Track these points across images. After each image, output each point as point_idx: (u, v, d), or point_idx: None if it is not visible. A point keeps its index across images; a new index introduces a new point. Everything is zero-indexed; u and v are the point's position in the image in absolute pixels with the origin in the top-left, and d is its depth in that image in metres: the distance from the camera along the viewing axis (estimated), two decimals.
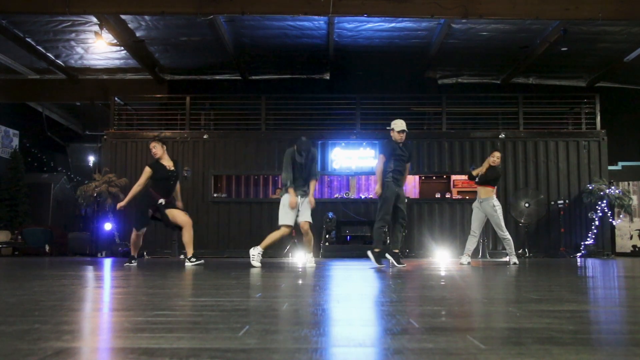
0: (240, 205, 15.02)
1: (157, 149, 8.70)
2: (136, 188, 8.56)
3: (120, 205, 8.67)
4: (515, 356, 1.76)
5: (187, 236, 8.64)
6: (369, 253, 8.33)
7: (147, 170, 8.58)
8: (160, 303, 3.42)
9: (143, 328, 2.33)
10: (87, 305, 3.39)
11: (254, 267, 7.88)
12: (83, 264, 9.35)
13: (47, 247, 14.92)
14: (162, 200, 8.49)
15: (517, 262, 9.34)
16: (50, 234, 15.19)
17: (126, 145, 15.09)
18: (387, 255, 8.39)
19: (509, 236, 9.38)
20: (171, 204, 8.68)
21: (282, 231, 8.09)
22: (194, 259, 8.58)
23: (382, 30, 13.63)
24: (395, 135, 8.32)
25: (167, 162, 8.68)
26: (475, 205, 9.70)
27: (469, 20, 12.64)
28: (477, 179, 9.59)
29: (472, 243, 9.64)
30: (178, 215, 8.64)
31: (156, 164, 8.66)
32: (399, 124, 8.35)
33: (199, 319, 2.62)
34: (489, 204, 9.39)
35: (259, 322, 2.44)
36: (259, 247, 8.15)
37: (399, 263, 8.21)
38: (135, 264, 8.57)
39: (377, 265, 8.15)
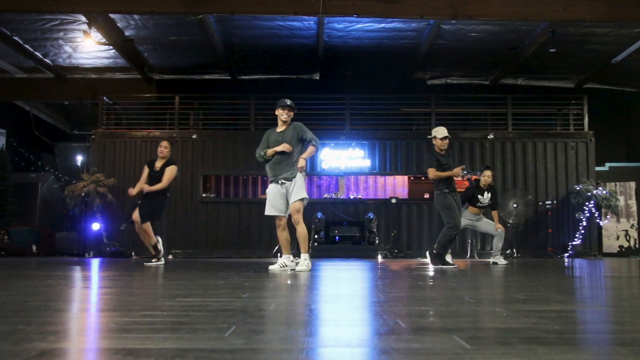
0: (229, 205, 14.99)
1: (167, 150, 9.01)
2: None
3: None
4: (501, 356, 1.77)
5: (140, 232, 8.92)
6: (428, 253, 8.35)
7: (145, 169, 9.00)
8: (147, 303, 3.41)
9: (129, 329, 2.32)
10: (73, 306, 3.38)
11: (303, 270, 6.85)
12: (70, 264, 9.30)
13: (34, 247, 14.81)
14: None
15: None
16: (37, 234, 15.09)
17: (115, 144, 15.03)
18: (427, 254, 8.44)
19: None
20: (148, 195, 8.85)
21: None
22: (155, 260, 8.92)
23: (372, 30, 13.64)
24: (438, 143, 8.44)
25: (159, 163, 8.92)
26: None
27: (458, 22, 12.68)
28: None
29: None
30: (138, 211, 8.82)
31: (150, 162, 9.01)
32: (440, 131, 8.47)
33: (186, 319, 2.62)
34: None
35: (245, 323, 2.43)
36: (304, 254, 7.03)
37: (435, 264, 8.25)
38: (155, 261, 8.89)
39: (434, 265, 8.13)
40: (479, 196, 9.72)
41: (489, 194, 9.77)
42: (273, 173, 7.19)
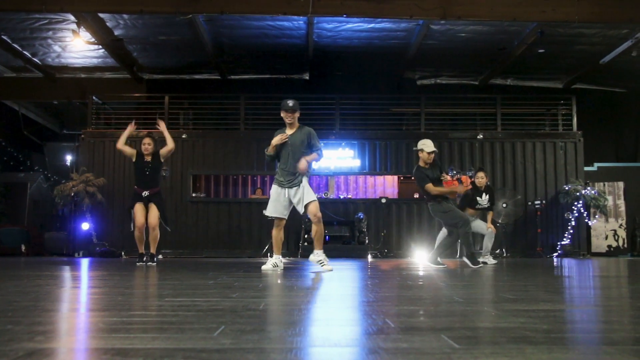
0: (219, 205, 14.97)
1: (151, 147, 8.95)
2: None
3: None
4: (489, 355, 1.77)
5: (151, 237, 8.85)
6: (465, 259, 8.35)
7: (133, 151, 8.98)
8: (136, 303, 3.40)
9: (118, 328, 2.31)
10: (62, 306, 3.36)
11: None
12: (59, 264, 9.26)
13: (23, 247, 14.74)
14: (145, 193, 8.76)
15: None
16: (27, 234, 15.02)
17: (104, 144, 14.97)
18: (465, 259, 8.44)
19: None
20: (156, 198, 8.86)
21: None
22: (151, 261, 8.82)
23: (362, 30, 13.65)
24: (424, 156, 8.36)
25: (148, 157, 8.90)
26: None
27: (448, 22, 12.71)
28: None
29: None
30: (151, 216, 8.77)
31: (139, 154, 8.95)
32: (428, 144, 8.39)
33: (175, 319, 2.61)
34: None
35: (234, 322, 2.43)
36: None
37: (476, 264, 8.24)
38: (144, 261, 8.83)
39: (475, 267, 8.11)
40: (478, 198, 9.75)
41: (487, 195, 9.81)
42: (285, 178, 7.10)
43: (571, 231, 14.44)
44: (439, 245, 8.59)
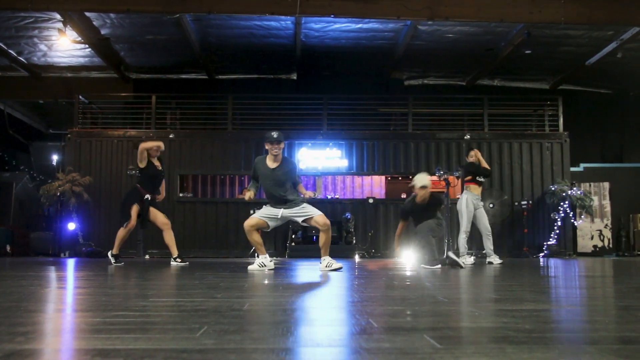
0: (206, 205, 14.93)
1: (161, 148, 9.01)
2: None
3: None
4: (470, 355, 1.78)
5: (168, 237, 8.95)
6: (454, 256, 8.43)
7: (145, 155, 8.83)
8: (119, 303, 3.38)
9: (100, 329, 2.30)
10: (45, 306, 3.34)
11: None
12: (45, 264, 9.20)
13: (8, 247, 14.65)
14: (148, 196, 8.76)
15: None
16: (12, 234, 14.93)
17: (90, 144, 14.90)
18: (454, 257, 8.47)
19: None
20: (155, 202, 8.93)
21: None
22: (179, 260, 8.86)
23: (349, 30, 13.68)
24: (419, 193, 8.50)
25: (156, 162, 8.96)
26: (474, 203, 9.84)
27: (435, 22, 12.77)
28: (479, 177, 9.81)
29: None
30: (158, 217, 8.89)
31: (149, 161, 8.92)
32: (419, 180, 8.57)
33: (158, 319, 2.60)
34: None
35: (218, 323, 2.42)
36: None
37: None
38: (121, 263, 8.85)
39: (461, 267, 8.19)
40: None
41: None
42: (276, 205, 7.12)
43: (557, 231, 14.52)
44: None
